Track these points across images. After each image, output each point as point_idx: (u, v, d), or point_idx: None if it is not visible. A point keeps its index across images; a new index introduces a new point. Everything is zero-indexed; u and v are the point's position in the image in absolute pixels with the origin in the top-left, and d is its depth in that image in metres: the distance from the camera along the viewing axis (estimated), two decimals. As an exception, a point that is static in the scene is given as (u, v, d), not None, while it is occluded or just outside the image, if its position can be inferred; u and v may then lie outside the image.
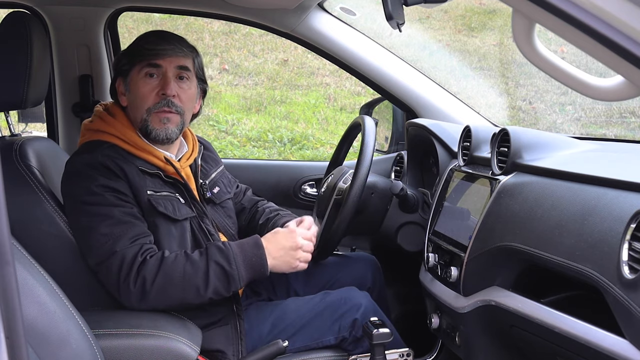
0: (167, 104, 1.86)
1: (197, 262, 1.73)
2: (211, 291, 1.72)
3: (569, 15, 0.92)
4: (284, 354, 1.82)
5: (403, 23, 1.22)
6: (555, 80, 1.05)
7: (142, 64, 1.87)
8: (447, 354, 2.24)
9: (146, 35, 1.94)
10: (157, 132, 1.87)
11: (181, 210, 1.85)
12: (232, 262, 1.74)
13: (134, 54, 1.90)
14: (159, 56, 1.86)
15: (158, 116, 1.86)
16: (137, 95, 1.87)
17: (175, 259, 1.73)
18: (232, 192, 2.15)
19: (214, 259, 1.74)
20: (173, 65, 1.88)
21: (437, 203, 2.06)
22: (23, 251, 1.32)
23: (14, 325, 0.80)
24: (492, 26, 7.12)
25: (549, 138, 1.83)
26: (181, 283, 1.71)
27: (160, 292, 1.70)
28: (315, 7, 2.49)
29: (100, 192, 1.75)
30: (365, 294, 1.99)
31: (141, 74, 1.87)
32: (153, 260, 1.71)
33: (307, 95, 6.67)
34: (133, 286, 1.69)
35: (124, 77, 1.91)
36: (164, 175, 1.86)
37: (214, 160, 2.14)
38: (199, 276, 1.72)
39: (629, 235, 1.21)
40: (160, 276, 1.70)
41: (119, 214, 1.74)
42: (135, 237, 1.73)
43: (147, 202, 1.79)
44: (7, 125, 2.19)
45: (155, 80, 1.87)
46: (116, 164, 1.78)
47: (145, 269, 1.70)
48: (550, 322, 1.42)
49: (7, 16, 1.83)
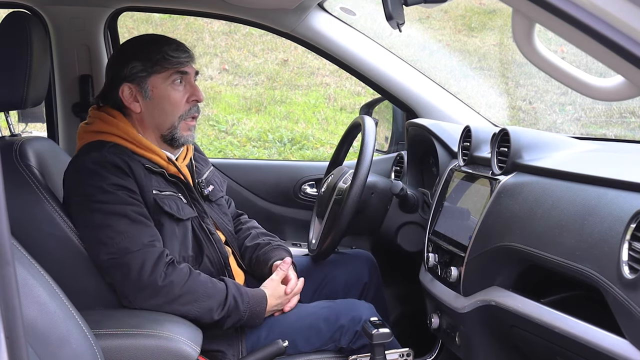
0: (197, 110, 1.94)
1: (219, 288, 1.80)
2: (218, 317, 1.77)
3: (569, 15, 0.92)
4: (284, 354, 1.83)
5: (403, 23, 1.22)
6: (555, 80, 1.05)
7: (169, 71, 1.88)
8: (447, 354, 2.24)
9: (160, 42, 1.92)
10: (185, 138, 1.93)
11: (184, 210, 1.87)
12: (244, 303, 1.81)
13: (157, 62, 1.88)
14: (185, 64, 1.91)
15: (187, 124, 1.92)
16: (168, 102, 1.89)
17: (201, 276, 1.80)
18: (224, 191, 2.17)
19: (232, 293, 1.80)
20: (193, 71, 1.94)
21: (437, 203, 2.06)
22: (23, 251, 1.32)
23: (14, 325, 0.80)
24: (492, 26, 7.12)
25: (549, 138, 1.83)
26: (202, 299, 1.76)
27: (182, 300, 1.73)
28: (315, 7, 2.49)
29: (113, 190, 1.75)
30: (369, 305, 1.99)
31: (168, 81, 1.89)
32: (181, 269, 1.76)
33: (307, 95, 6.67)
34: (161, 283, 1.71)
35: (137, 83, 1.89)
36: (167, 174, 1.87)
37: (204, 160, 2.17)
38: (218, 301, 1.77)
39: (629, 235, 1.21)
40: (188, 285, 1.74)
41: (132, 212, 1.75)
42: (152, 238, 1.76)
43: (153, 202, 1.81)
44: (7, 125, 2.19)
45: (182, 87, 1.91)
46: (125, 162, 1.79)
47: (174, 274, 1.73)
48: (550, 322, 1.42)
49: (7, 16, 1.83)
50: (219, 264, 1.93)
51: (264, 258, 2.05)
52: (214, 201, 2.05)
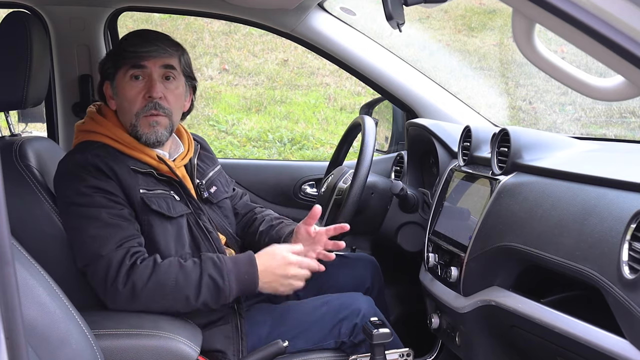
0: (154, 107, 1.84)
1: (190, 273, 1.72)
2: (200, 302, 1.72)
3: (569, 15, 0.92)
4: (284, 354, 1.82)
5: (403, 23, 1.22)
6: (555, 80, 1.05)
7: (126, 66, 1.85)
8: (447, 354, 2.24)
9: (128, 36, 1.91)
10: (147, 136, 1.85)
11: (176, 208, 1.84)
12: (225, 278, 1.73)
13: (118, 57, 1.87)
14: (142, 58, 1.84)
15: (147, 120, 1.84)
16: (125, 99, 1.86)
17: (169, 266, 1.72)
18: (229, 192, 2.15)
19: (208, 272, 1.73)
20: (158, 65, 1.85)
21: (437, 203, 2.06)
22: (23, 251, 1.32)
23: (14, 325, 0.80)
24: (492, 26, 7.12)
25: (549, 138, 1.83)
26: (172, 291, 1.70)
27: (149, 298, 1.69)
28: (315, 7, 2.49)
29: (90, 193, 1.74)
30: (367, 298, 1.98)
31: (126, 77, 1.85)
32: (144, 265, 1.70)
33: (307, 95, 6.67)
34: (122, 289, 1.68)
35: (110, 80, 1.90)
36: (157, 174, 1.85)
37: (211, 159, 2.13)
38: (191, 287, 1.71)
39: (629, 235, 1.21)
40: (152, 282, 1.69)
41: (107, 216, 1.73)
42: (122, 241, 1.72)
43: (140, 201, 1.78)
44: (7, 125, 2.19)
45: (141, 83, 1.85)
46: (106, 164, 1.77)
47: (136, 273, 1.69)
48: (550, 322, 1.42)
49: (7, 16, 1.83)
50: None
51: (276, 236, 2.02)
52: (215, 203, 2.03)
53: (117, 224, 1.73)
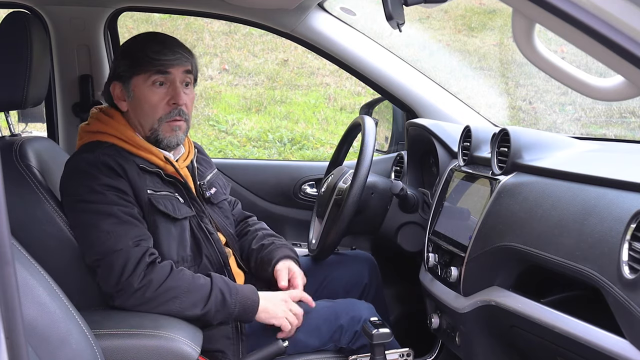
0: (178, 113, 1.88)
1: (202, 283, 1.77)
2: (204, 312, 1.74)
3: (569, 15, 0.92)
4: (284, 354, 1.83)
5: (403, 23, 1.22)
6: (555, 80, 1.05)
7: (149, 72, 1.86)
8: (447, 354, 2.24)
9: (148, 41, 1.91)
10: (169, 140, 1.89)
11: (181, 210, 1.86)
12: (232, 295, 1.78)
13: (138, 62, 1.87)
14: (168, 65, 1.86)
15: (170, 125, 1.88)
16: (146, 104, 1.87)
17: (183, 272, 1.77)
18: (227, 194, 2.17)
19: (219, 286, 1.77)
20: (180, 72, 1.88)
21: (437, 203, 2.06)
22: (23, 251, 1.32)
23: (14, 325, 0.80)
24: (492, 26, 7.12)
25: (549, 138, 1.83)
26: (183, 296, 1.73)
27: (160, 298, 1.72)
28: (315, 7, 2.49)
29: (103, 190, 1.75)
30: (368, 305, 1.99)
31: (148, 82, 1.86)
32: (162, 266, 1.74)
33: (307, 95, 6.67)
34: (137, 284, 1.70)
35: (123, 82, 1.90)
36: (164, 174, 1.87)
37: (208, 163, 2.16)
38: (201, 295, 1.75)
39: (629, 235, 1.21)
40: (168, 283, 1.72)
41: (120, 212, 1.75)
42: (138, 238, 1.74)
43: (148, 201, 1.80)
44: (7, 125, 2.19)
45: (164, 89, 1.87)
46: (117, 163, 1.79)
47: (154, 272, 1.72)
48: (550, 322, 1.42)
49: (7, 16, 1.83)
50: (218, 264, 1.93)
51: (267, 258, 2.04)
52: (215, 204, 2.05)
53: (130, 221, 1.75)
